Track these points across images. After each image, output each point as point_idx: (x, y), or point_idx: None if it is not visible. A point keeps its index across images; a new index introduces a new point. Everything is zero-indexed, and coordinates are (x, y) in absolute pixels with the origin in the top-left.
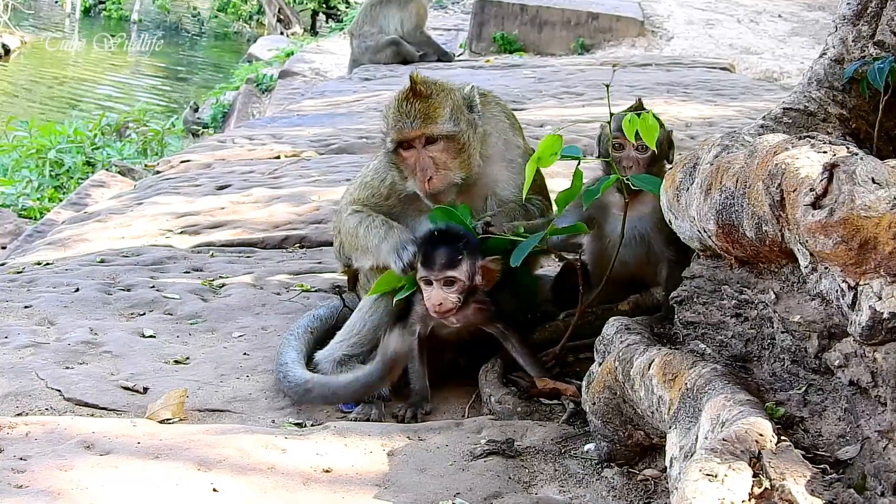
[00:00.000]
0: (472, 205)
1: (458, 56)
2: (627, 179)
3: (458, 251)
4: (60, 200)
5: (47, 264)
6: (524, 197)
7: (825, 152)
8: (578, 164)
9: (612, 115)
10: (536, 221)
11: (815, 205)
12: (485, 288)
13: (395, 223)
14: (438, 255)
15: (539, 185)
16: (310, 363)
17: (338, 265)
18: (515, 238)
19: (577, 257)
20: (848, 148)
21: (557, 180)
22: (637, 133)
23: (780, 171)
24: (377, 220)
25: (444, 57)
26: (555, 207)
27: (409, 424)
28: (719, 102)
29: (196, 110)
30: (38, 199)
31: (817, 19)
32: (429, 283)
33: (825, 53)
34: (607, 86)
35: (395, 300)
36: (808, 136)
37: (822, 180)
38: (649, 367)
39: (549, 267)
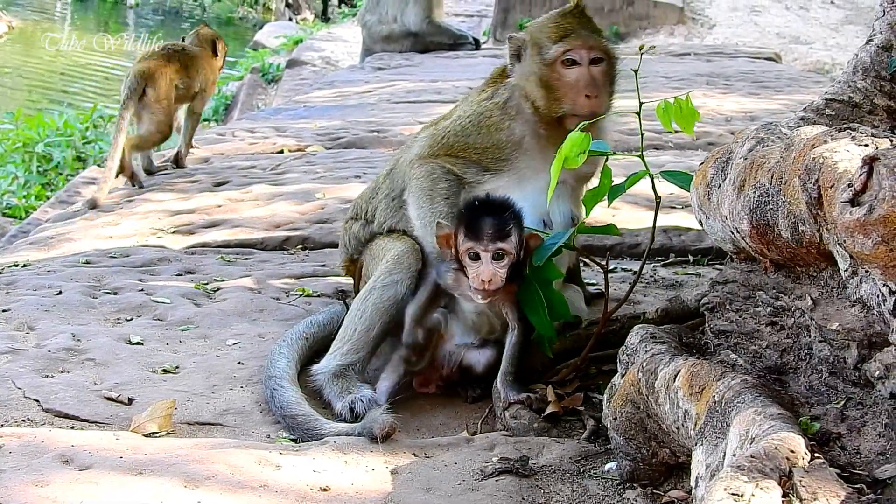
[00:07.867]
0: None
1: (484, 45)
2: (657, 176)
3: (508, 221)
4: (48, 198)
5: (26, 265)
6: (548, 199)
7: (866, 145)
8: (606, 160)
9: (641, 104)
10: None
11: (854, 201)
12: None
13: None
14: (487, 224)
15: None
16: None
17: (340, 260)
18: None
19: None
20: (892, 140)
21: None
22: None
23: (817, 166)
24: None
25: (458, 43)
26: (583, 208)
27: (414, 440)
28: (763, 95)
29: None
30: (23, 196)
31: (873, 6)
32: (475, 257)
33: (871, 40)
34: (635, 71)
35: None
36: (849, 128)
37: (860, 175)
38: (675, 379)
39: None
